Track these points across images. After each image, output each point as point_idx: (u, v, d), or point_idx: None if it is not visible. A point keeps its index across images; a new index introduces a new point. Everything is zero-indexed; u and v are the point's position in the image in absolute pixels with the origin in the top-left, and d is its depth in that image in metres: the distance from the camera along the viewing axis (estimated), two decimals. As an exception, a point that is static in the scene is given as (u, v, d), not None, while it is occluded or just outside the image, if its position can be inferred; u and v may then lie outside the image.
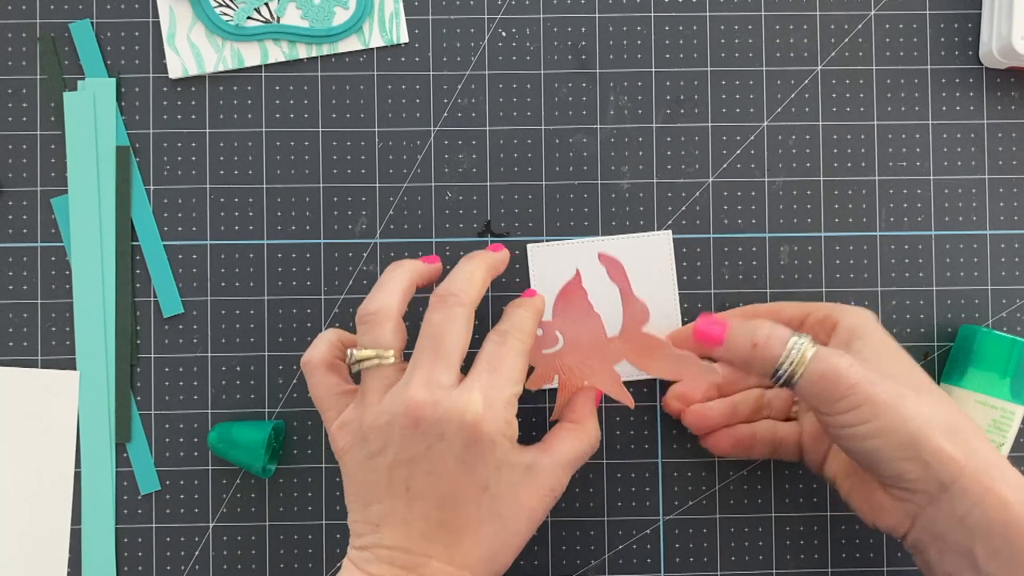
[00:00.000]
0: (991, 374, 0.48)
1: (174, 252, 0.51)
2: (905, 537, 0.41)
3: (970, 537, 0.38)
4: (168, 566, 0.51)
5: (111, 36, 0.52)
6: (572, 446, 0.43)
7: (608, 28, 0.52)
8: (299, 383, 0.51)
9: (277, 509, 0.51)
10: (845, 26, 0.53)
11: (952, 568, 0.39)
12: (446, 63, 0.52)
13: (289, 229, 0.52)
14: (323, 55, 0.52)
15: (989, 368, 0.48)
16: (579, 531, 0.51)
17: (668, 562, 0.51)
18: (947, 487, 0.38)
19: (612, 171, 0.52)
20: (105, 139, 0.51)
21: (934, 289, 0.52)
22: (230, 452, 0.49)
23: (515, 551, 0.41)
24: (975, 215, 0.52)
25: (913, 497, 0.39)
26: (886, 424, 0.38)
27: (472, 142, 0.52)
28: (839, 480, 0.45)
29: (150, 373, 0.51)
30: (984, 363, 0.48)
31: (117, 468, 0.51)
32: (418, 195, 0.52)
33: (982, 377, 0.48)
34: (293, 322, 0.51)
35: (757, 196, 0.52)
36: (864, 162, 0.52)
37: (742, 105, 0.52)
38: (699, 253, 0.52)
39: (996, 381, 0.48)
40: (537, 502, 0.41)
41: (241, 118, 0.52)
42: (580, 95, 0.52)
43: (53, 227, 0.51)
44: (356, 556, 0.40)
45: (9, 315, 0.51)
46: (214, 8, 0.51)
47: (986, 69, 0.53)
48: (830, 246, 0.52)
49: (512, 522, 0.40)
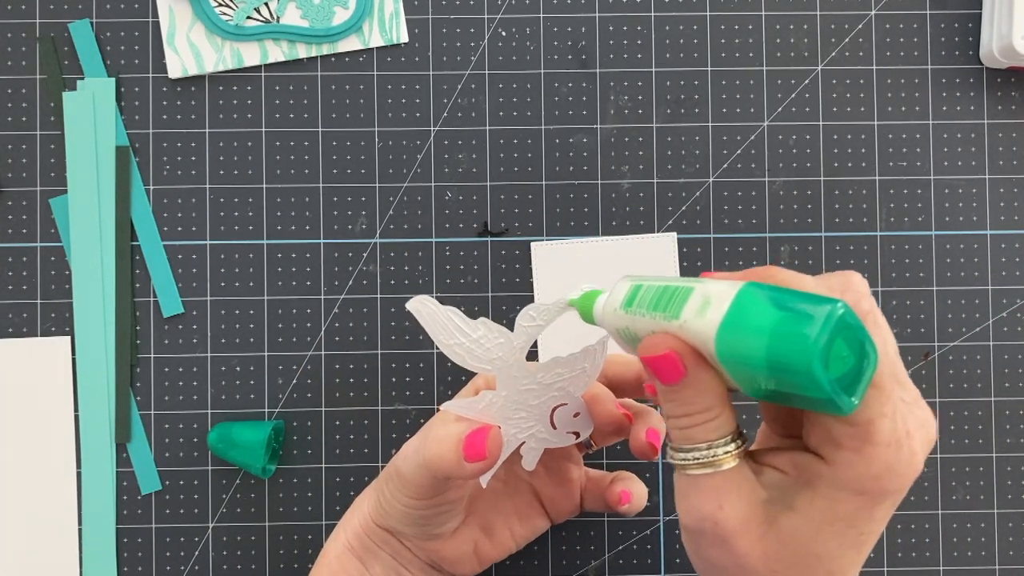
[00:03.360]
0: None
1: (174, 252, 0.51)
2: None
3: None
4: (168, 566, 0.51)
5: (111, 36, 0.52)
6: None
7: (608, 28, 0.52)
8: (299, 383, 0.51)
9: (277, 509, 0.51)
10: (845, 26, 0.52)
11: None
12: (446, 63, 0.52)
13: (289, 229, 0.52)
14: (323, 55, 0.52)
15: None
16: (579, 531, 0.51)
17: (668, 562, 0.51)
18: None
19: (612, 171, 0.52)
20: (105, 139, 0.51)
21: (934, 289, 0.52)
22: (230, 452, 0.49)
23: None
24: (975, 215, 0.52)
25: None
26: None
27: (472, 142, 0.52)
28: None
29: (150, 373, 0.51)
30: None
31: (117, 468, 0.51)
32: (418, 195, 0.52)
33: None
34: (293, 322, 0.51)
35: (757, 196, 0.52)
36: (864, 162, 0.52)
37: (742, 105, 0.52)
38: (699, 253, 0.52)
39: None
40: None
41: (241, 118, 0.52)
42: (580, 95, 0.52)
43: (53, 227, 0.51)
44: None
45: (9, 315, 0.51)
46: (214, 8, 0.51)
47: (986, 69, 0.53)
48: (830, 246, 0.52)
49: None
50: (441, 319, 0.37)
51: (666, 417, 0.32)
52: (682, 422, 0.32)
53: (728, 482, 0.31)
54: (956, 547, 0.51)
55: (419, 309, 0.37)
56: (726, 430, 0.31)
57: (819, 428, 0.31)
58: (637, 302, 0.33)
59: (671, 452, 0.33)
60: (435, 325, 0.37)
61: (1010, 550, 0.51)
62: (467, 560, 0.43)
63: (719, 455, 0.31)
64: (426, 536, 0.42)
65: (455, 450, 0.37)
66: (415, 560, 0.43)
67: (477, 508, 0.44)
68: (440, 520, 0.41)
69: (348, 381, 0.51)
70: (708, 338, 0.29)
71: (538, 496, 0.45)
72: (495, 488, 0.44)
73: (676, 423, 0.32)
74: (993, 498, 0.52)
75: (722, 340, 0.29)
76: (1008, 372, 0.52)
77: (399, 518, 0.41)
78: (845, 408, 0.28)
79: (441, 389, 0.51)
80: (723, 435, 0.31)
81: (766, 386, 0.29)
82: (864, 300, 0.30)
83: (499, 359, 0.38)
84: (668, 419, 0.32)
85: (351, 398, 0.51)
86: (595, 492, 0.45)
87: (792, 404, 0.31)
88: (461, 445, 0.37)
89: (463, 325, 0.37)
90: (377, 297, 0.51)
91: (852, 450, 0.29)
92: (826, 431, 0.30)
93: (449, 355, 0.37)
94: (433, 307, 0.37)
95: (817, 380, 0.27)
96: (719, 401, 0.31)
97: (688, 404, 0.31)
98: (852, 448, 0.29)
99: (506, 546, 0.44)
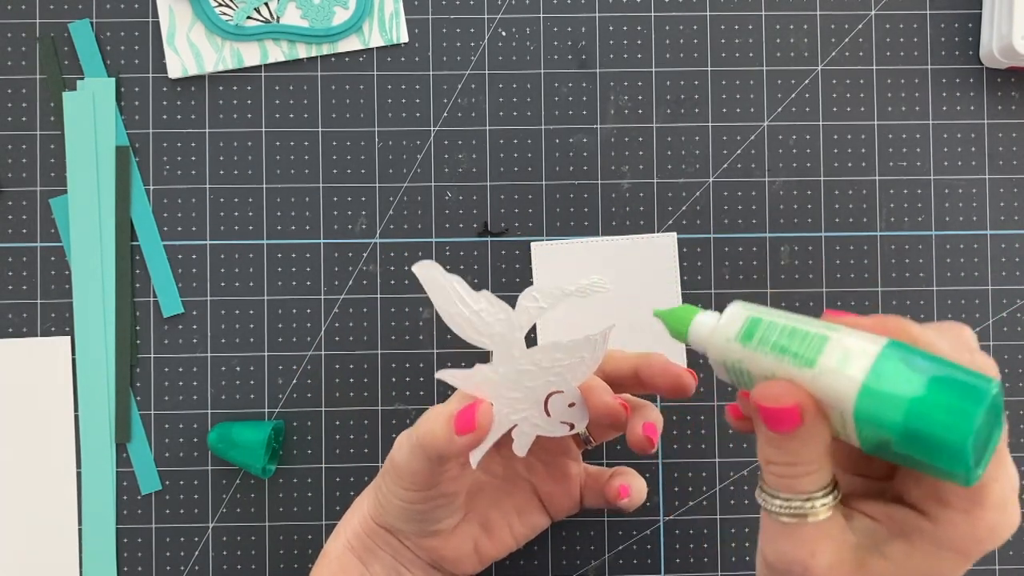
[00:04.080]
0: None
1: (174, 252, 0.51)
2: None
3: None
4: (168, 566, 0.51)
5: (111, 36, 0.52)
6: None
7: (608, 28, 0.52)
8: (299, 383, 0.51)
9: (277, 509, 0.51)
10: (845, 26, 0.52)
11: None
12: (446, 63, 0.52)
13: (289, 229, 0.52)
14: (323, 55, 0.52)
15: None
16: (579, 531, 0.51)
17: (668, 562, 0.51)
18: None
19: (612, 171, 0.52)
20: (105, 139, 0.51)
21: (934, 289, 0.52)
22: (230, 452, 0.49)
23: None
24: (975, 215, 0.52)
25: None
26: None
27: (472, 142, 0.52)
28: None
29: (150, 373, 0.51)
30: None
31: (117, 468, 0.51)
32: (418, 195, 0.52)
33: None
34: (293, 322, 0.51)
35: (757, 196, 0.52)
36: (864, 162, 0.52)
37: (742, 105, 0.52)
38: (699, 253, 0.52)
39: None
40: None
41: (241, 118, 0.52)
42: (580, 95, 0.52)
43: (53, 227, 0.51)
44: None
45: (9, 315, 0.51)
46: (214, 8, 0.51)
47: (986, 69, 0.53)
48: (830, 246, 0.52)
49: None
50: (445, 286, 0.37)
51: (764, 462, 0.32)
52: (782, 470, 0.31)
53: (821, 531, 0.31)
54: (956, 547, 0.51)
55: (423, 274, 0.37)
56: (825, 482, 0.31)
57: (925, 485, 0.30)
58: (759, 338, 0.32)
59: (763, 496, 0.32)
60: (438, 292, 0.37)
61: (1010, 550, 0.51)
62: (467, 558, 0.43)
63: (817, 507, 0.31)
64: (425, 533, 0.42)
65: (446, 425, 0.37)
66: (415, 560, 0.43)
67: (476, 506, 0.44)
68: (437, 515, 0.41)
69: (348, 381, 0.51)
70: (846, 395, 0.29)
71: (537, 493, 0.45)
72: (494, 485, 0.44)
73: (776, 470, 0.31)
74: (993, 498, 0.52)
75: (864, 398, 0.28)
76: (1008, 372, 0.52)
77: (396, 514, 0.41)
78: (971, 480, 0.28)
79: (441, 389, 0.51)
80: (822, 487, 0.31)
81: (893, 448, 0.29)
82: (992, 363, 0.30)
83: (498, 335, 0.38)
84: (767, 464, 0.32)
85: (351, 398, 0.51)
86: (594, 488, 0.45)
87: (903, 464, 0.30)
88: (452, 420, 0.37)
89: (466, 296, 0.37)
90: (377, 297, 0.51)
91: (961, 511, 0.29)
92: (932, 489, 0.30)
93: (449, 324, 0.37)
94: (438, 273, 0.37)
95: (964, 456, 0.27)
96: (825, 453, 0.31)
97: (794, 455, 0.31)
98: (961, 509, 0.29)
99: (506, 544, 0.44)
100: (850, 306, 0.52)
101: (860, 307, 0.52)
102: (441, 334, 0.51)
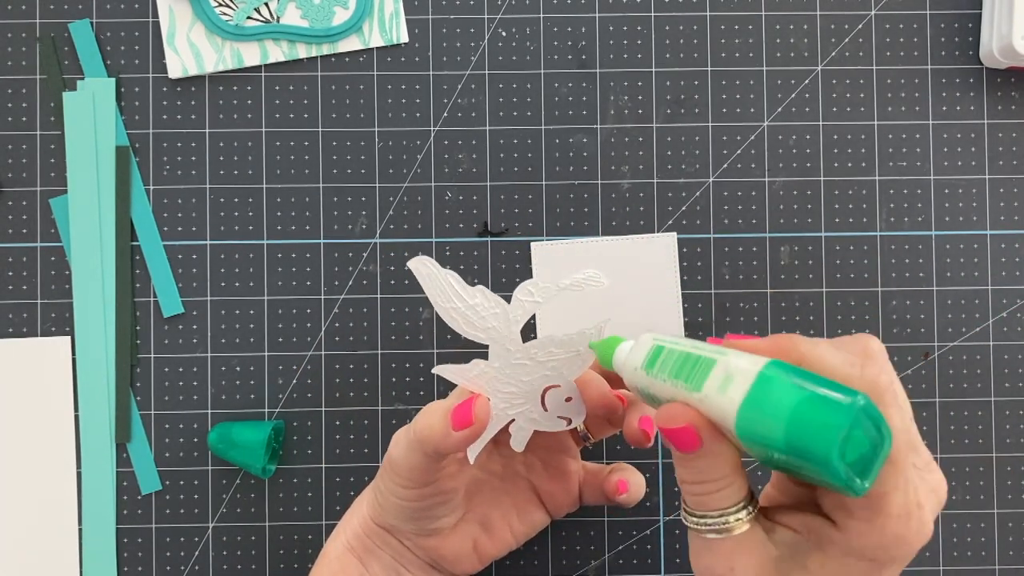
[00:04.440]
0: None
1: (174, 252, 0.51)
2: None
3: None
4: (168, 566, 0.51)
5: (111, 36, 0.52)
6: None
7: (608, 28, 0.52)
8: (299, 383, 0.51)
9: (277, 509, 0.51)
10: (845, 26, 0.52)
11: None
12: (446, 63, 0.52)
13: (289, 229, 0.52)
14: (323, 55, 0.52)
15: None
16: (579, 531, 0.51)
17: (668, 562, 0.51)
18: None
19: (612, 171, 0.52)
20: (105, 139, 0.51)
21: (934, 289, 0.52)
22: (230, 452, 0.49)
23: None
24: (975, 215, 0.52)
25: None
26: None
27: (472, 142, 0.52)
28: None
29: (150, 373, 0.51)
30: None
31: (117, 468, 0.51)
32: (418, 195, 0.52)
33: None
34: (293, 322, 0.51)
35: (757, 196, 0.52)
36: (864, 162, 0.52)
37: (742, 105, 0.52)
38: (699, 253, 0.52)
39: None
40: None
41: (241, 118, 0.52)
42: (580, 95, 0.52)
43: (53, 227, 0.51)
44: None
45: (9, 315, 0.51)
46: (214, 8, 0.51)
47: (986, 69, 0.53)
48: (830, 246, 0.52)
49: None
50: (440, 282, 0.37)
51: (680, 481, 0.33)
52: (695, 489, 0.32)
53: (740, 546, 0.32)
54: (956, 547, 0.51)
55: (419, 269, 0.37)
56: (738, 497, 0.32)
57: (832, 495, 0.31)
58: (659, 366, 0.34)
59: (684, 514, 0.34)
60: (434, 287, 0.37)
61: (1010, 550, 0.51)
62: (467, 557, 0.43)
63: (731, 522, 0.32)
64: (424, 532, 0.42)
65: (443, 420, 0.37)
66: (415, 560, 0.43)
67: (475, 504, 0.44)
68: (436, 513, 0.41)
69: (348, 381, 0.51)
70: (728, 416, 0.30)
71: (536, 491, 0.45)
72: (493, 483, 0.44)
73: (690, 489, 0.33)
74: (993, 498, 0.52)
75: (742, 419, 0.29)
76: (1008, 372, 0.52)
77: (395, 512, 0.41)
78: (857, 491, 0.28)
79: (441, 389, 0.51)
80: (735, 503, 0.32)
81: (783, 464, 0.30)
82: (883, 374, 0.31)
83: (494, 329, 0.38)
84: (681, 483, 0.33)
85: (351, 398, 0.51)
86: (593, 485, 0.45)
87: (805, 479, 0.31)
88: (449, 415, 0.37)
89: (461, 291, 0.37)
90: (377, 297, 0.51)
91: (864, 520, 0.30)
92: (839, 499, 0.31)
93: (445, 319, 0.38)
94: (434, 268, 0.37)
95: (834, 469, 0.28)
96: (733, 470, 0.32)
97: (702, 473, 0.32)
98: (864, 519, 0.30)
99: (506, 542, 0.44)
100: (850, 306, 0.52)
101: (860, 307, 0.52)
102: (441, 334, 0.51)
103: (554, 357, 0.38)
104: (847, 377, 0.30)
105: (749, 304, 0.52)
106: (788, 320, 0.52)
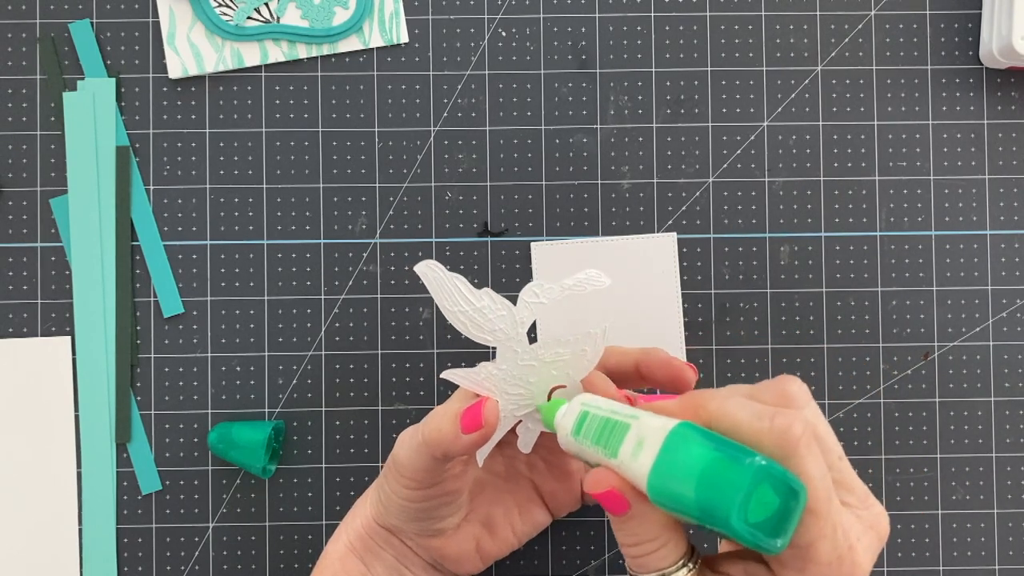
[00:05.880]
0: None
1: (174, 252, 0.51)
2: None
3: None
4: (168, 566, 0.51)
5: (111, 36, 0.52)
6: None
7: (608, 28, 0.52)
8: (299, 383, 0.51)
9: (277, 509, 0.51)
10: (845, 26, 0.53)
11: None
12: (446, 63, 0.52)
13: (289, 229, 0.52)
14: (323, 55, 0.52)
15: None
16: (579, 531, 0.51)
17: (668, 562, 0.51)
18: None
19: (612, 171, 0.52)
20: (105, 139, 0.51)
21: (934, 289, 0.52)
22: (230, 452, 0.49)
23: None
24: (975, 215, 0.52)
25: None
26: None
27: (472, 142, 0.52)
28: None
29: (150, 373, 0.51)
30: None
31: (117, 468, 0.51)
32: (418, 195, 0.52)
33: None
34: (293, 322, 0.51)
35: (757, 196, 0.52)
36: (864, 162, 0.52)
37: (742, 105, 0.52)
38: (699, 253, 0.52)
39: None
40: None
41: (241, 118, 0.52)
42: (580, 95, 0.52)
43: (53, 227, 0.51)
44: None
45: (9, 315, 0.51)
46: (214, 8, 0.51)
47: (986, 69, 0.53)
48: (830, 246, 0.52)
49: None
50: (447, 285, 0.37)
51: (620, 545, 0.34)
52: (633, 551, 0.33)
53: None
54: (956, 547, 0.51)
55: (426, 273, 0.38)
56: (676, 556, 0.32)
57: None
58: (583, 432, 0.34)
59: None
60: (441, 290, 0.38)
61: (1010, 550, 0.51)
62: (469, 557, 0.43)
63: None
64: (427, 532, 0.42)
65: (453, 423, 0.37)
66: (417, 560, 0.43)
67: (478, 504, 0.44)
68: (439, 514, 0.41)
69: (348, 381, 0.51)
70: (641, 481, 0.30)
71: (539, 491, 0.45)
72: (495, 483, 0.44)
73: (628, 552, 0.33)
74: (993, 498, 0.52)
75: (653, 485, 0.30)
76: (1008, 372, 0.52)
77: (398, 513, 0.41)
78: (772, 551, 0.29)
79: (441, 389, 0.51)
80: (674, 561, 0.32)
81: (703, 526, 0.30)
82: (795, 423, 0.30)
83: (500, 331, 0.38)
84: (621, 547, 0.33)
85: (351, 398, 0.51)
86: None
87: (729, 539, 0.32)
88: (458, 418, 0.37)
89: (468, 294, 0.38)
90: (377, 297, 0.51)
91: (796, 570, 0.30)
92: None
93: (452, 322, 0.38)
94: (440, 272, 0.37)
95: (737, 531, 0.28)
96: (666, 529, 0.32)
97: (635, 535, 0.32)
98: (796, 568, 0.30)
99: (508, 542, 0.44)
100: (850, 306, 0.52)
101: (860, 307, 0.52)
102: (441, 334, 0.51)
103: (560, 357, 0.38)
104: (757, 432, 0.30)
105: (749, 304, 0.52)
106: (788, 320, 0.52)
